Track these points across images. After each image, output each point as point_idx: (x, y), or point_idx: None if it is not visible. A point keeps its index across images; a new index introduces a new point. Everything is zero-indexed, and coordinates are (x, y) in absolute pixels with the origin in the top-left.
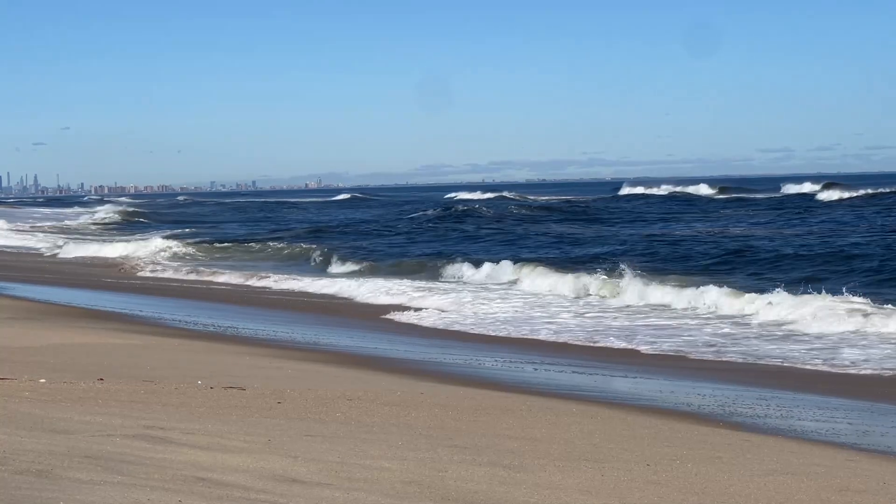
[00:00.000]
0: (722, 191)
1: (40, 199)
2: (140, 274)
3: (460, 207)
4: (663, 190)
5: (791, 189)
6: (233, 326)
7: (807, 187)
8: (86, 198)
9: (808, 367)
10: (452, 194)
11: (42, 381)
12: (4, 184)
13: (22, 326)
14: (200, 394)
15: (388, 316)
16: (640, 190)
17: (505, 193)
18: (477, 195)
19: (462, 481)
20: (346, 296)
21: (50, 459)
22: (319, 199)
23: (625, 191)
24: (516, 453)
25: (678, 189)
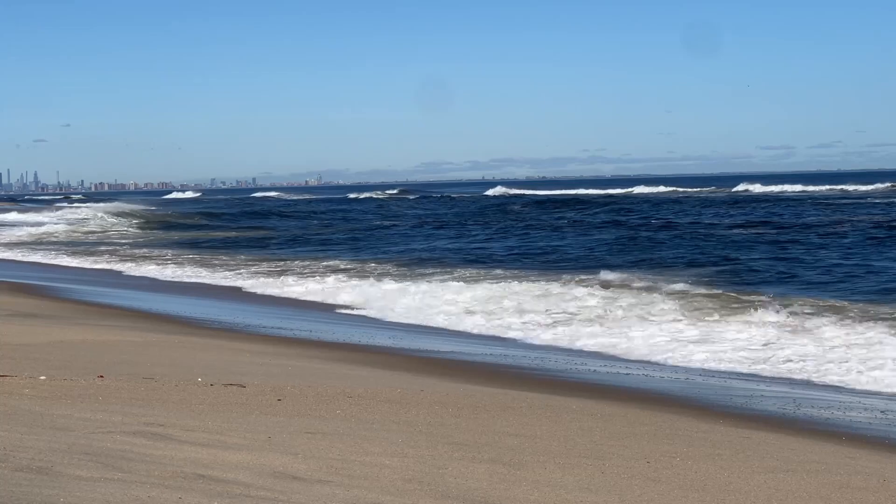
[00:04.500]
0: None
1: None
2: None
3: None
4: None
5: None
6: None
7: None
8: (26, 196)
9: None
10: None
11: (42, 378)
12: (4, 181)
13: (22, 323)
14: (200, 391)
15: None
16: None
17: (273, 193)
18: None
19: (462, 478)
20: None
21: (50, 456)
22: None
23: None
24: (516, 450)
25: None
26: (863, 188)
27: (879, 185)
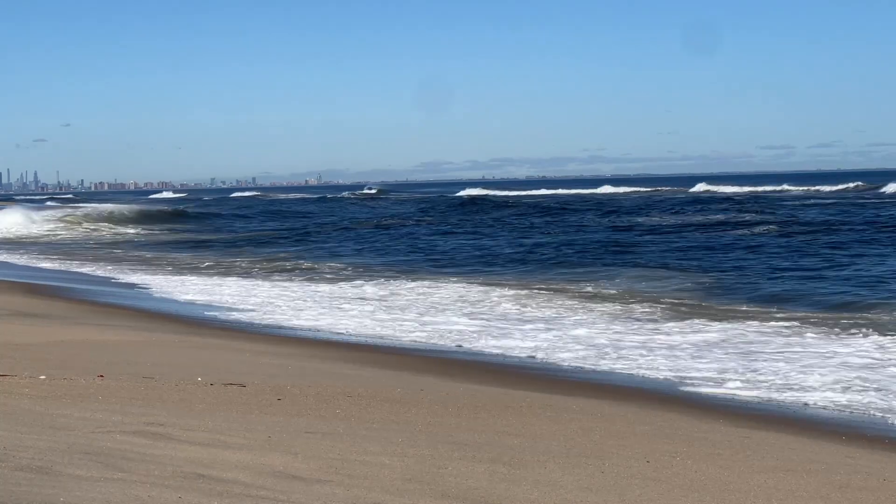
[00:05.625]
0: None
1: None
2: None
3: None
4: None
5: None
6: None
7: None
8: (16, 197)
9: None
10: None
11: (42, 377)
12: (4, 180)
13: (22, 323)
14: (200, 390)
15: None
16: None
17: (249, 193)
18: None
19: (462, 478)
20: None
21: (50, 456)
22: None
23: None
24: (516, 450)
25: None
26: (827, 188)
27: (850, 185)
